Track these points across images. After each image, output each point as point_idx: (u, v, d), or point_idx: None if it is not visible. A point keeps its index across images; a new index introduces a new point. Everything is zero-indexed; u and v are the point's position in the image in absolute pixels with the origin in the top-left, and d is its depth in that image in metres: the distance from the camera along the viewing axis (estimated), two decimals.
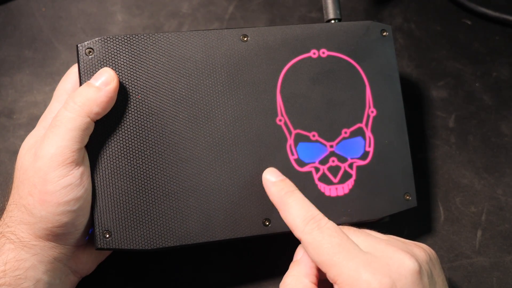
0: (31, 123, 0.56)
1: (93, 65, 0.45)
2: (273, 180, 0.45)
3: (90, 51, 0.45)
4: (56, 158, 0.41)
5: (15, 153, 0.53)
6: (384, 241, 0.41)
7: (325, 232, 0.40)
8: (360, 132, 0.49)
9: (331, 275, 0.38)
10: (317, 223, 0.41)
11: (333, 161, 0.48)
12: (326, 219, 0.41)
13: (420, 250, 0.41)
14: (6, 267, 0.40)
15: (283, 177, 0.45)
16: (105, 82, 0.43)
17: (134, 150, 0.45)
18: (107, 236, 0.43)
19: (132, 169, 0.44)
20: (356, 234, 0.42)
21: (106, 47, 0.45)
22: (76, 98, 0.42)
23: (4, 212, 0.43)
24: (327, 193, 0.48)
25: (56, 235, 0.42)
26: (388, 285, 0.36)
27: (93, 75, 0.44)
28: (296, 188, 0.44)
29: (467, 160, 0.58)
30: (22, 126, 0.56)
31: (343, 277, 0.37)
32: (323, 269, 0.39)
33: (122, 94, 0.45)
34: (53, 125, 0.42)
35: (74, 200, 0.41)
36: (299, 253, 0.43)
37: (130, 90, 0.45)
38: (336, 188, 0.48)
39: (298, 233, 0.41)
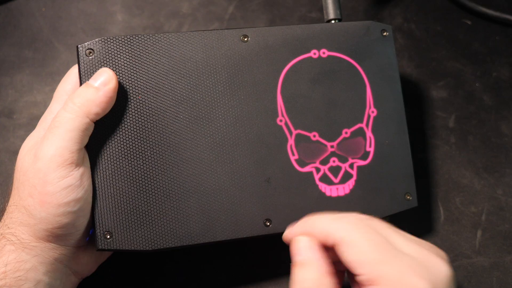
0: (31, 123, 0.56)
1: (94, 66, 0.45)
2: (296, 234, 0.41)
3: (90, 52, 0.45)
4: (56, 159, 0.41)
5: (15, 153, 0.53)
6: (417, 242, 0.39)
7: (366, 230, 0.37)
8: (360, 132, 0.49)
9: (370, 275, 0.36)
10: (354, 221, 0.38)
11: (333, 161, 0.48)
12: (361, 215, 0.39)
13: (443, 254, 0.39)
14: (6, 269, 0.40)
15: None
16: (104, 82, 0.43)
17: (135, 151, 0.45)
18: (108, 237, 0.43)
19: (133, 169, 0.44)
20: (391, 231, 0.39)
21: (106, 47, 0.45)
22: (75, 99, 0.42)
23: (5, 214, 0.43)
24: (328, 193, 0.48)
25: (56, 236, 0.42)
26: None
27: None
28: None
29: (467, 160, 0.58)
30: (22, 126, 0.56)
31: (387, 278, 0.35)
32: (358, 269, 0.36)
33: (123, 95, 0.45)
34: (53, 126, 0.42)
35: (74, 201, 0.41)
36: (302, 253, 0.39)
37: (131, 91, 0.45)
38: (337, 188, 0.48)
39: (330, 239, 0.38)
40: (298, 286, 0.37)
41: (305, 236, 0.40)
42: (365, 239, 0.37)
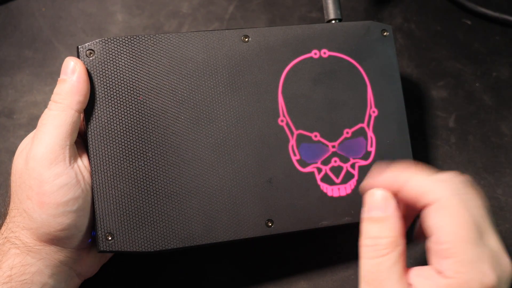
0: (31, 123, 0.56)
1: (94, 67, 0.45)
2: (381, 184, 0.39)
3: (90, 53, 0.45)
4: (48, 156, 0.41)
5: (15, 153, 0.53)
6: (495, 233, 0.37)
7: (468, 203, 0.36)
8: (362, 132, 0.49)
9: (452, 250, 0.34)
10: (457, 187, 0.37)
11: (335, 161, 0.48)
12: (466, 184, 0.38)
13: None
14: (12, 272, 0.40)
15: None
16: (71, 70, 0.43)
17: (136, 152, 0.44)
18: (110, 238, 0.43)
19: (134, 171, 0.44)
20: (483, 213, 0.38)
21: (107, 48, 0.45)
22: (55, 97, 0.43)
23: (7, 217, 0.43)
24: (329, 193, 0.48)
25: (59, 239, 0.42)
26: (497, 284, 0.34)
27: (94, 76, 0.44)
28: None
29: (467, 160, 0.58)
30: (22, 126, 0.56)
31: (465, 258, 0.34)
32: (443, 237, 0.35)
33: (124, 95, 0.45)
34: (40, 125, 0.42)
35: (73, 200, 0.41)
36: (380, 205, 0.37)
37: (131, 92, 0.45)
38: (339, 189, 0.48)
39: (430, 197, 0.36)
40: (371, 242, 0.36)
41: (386, 191, 0.38)
42: (463, 212, 0.35)
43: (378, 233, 0.36)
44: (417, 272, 0.36)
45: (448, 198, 0.36)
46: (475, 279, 0.34)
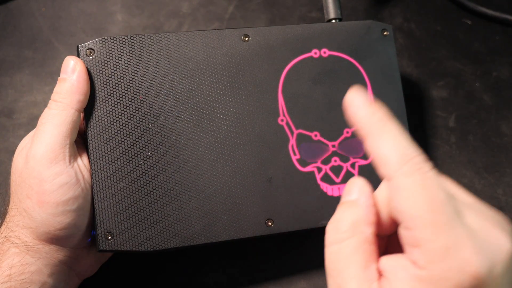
0: (31, 123, 0.56)
1: (94, 66, 0.45)
2: (362, 102, 0.34)
3: (90, 52, 0.45)
4: (48, 155, 0.41)
5: (14, 153, 0.53)
6: (482, 209, 0.32)
7: (429, 182, 0.30)
8: None
9: (417, 235, 0.29)
10: (419, 166, 0.30)
11: (335, 160, 0.48)
12: (429, 164, 0.31)
13: (509, 226, 0.32)
14: (11, 271, 0.40)
15: (372, 100, 0.34)
16: (71, 69, 0.43)
17: (136, 151, 0.44)
18: (109, 238, 0.43)
19: (134, 170, 0.44)
20: (459, 191, 0.33)
21: (107, 47, 0.45)
22: (55, 96, 0.43)
23: (7, 216, 0.43)
24: (329, 192, 0.47)
25: (59, 238, 0.42)
26: (487, 270, 0.29)
27: (94, 76, 0.44)
28: (392, 115, 0.33)
29: (467, 160, 0.58)
30: (22, 126, 0.56)
31: (435, 245, 0.29)
32: (406, 224, 0.30)
33: (124, 94, 0.45)
34: (40, 124, 0.42)
35: (73, 199, 0.41)
36: (353, 191, 0.34)
37: (131, 91, 0.45)
38: (339, 188, 0.48)
39: (391, 170, 0.31)
40: (332, 226, 0.32)
41: (363, 180, 0.34)
42: (428, 193, 0.30)
43: (340, 217, 0.32)
44: (390, 261, 0.31)
45: (396, 181, 0.31)
46: (453, 268, 0.28)
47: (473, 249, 0.28)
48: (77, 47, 0.45)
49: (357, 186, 0.33)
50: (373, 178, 0.49)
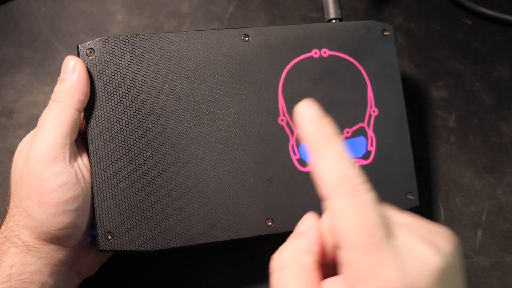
0: (31, 123, 0.56)
1: (94, 66, 0.45)
2: (311, 115, 0.34)
3: (91, 52, 0.45)
4: (48, 154, 0.41)
5: (14, 152, 0.53)
6: (412, 227, 0.33)
7: (363, 205, 0.31)
8: (362, 132, 0.49)
9: (347, 255, 0.31)
10: (355, 188, 0.32)
11: None
12: (366, 186, 0.32)
13: (444, 241, 0.33)
14: (11, 271, 0.40)
15: (323, 113, 0.34)
16: (72, 69, 0.43)
17: (136, 151, 0.44)
18: (110, 237, 0.43)
19: (134, 170, 0.44)
20: (394, 213, 0.34)
21: (107, 47, 0.45)
22: (55, 96, 0.43)
23: (7, 216, 0.43)
24: None
25: (59, 238, 0.42)
26: (408, 286, 0.30)
27: (94, 76, 0.44)
28: (339, 133, 0.34)
29: (467, 160, 0.58)
30: (22, 126, 0.56)
31: (362, 265, 0.30)
32: (339, 244, 0.31)
33: (124, 94, 0.45)
34: (40, 124, 0.42)
35: (73, 198, 0.41)
36: (304, 225, 0.35)
37: (132, 91, 0.45)
38: None
39: (327, 191, 0.32)
40: (276, 253, 0.34)
41: (314, 216, 0.36)
42: (359, 216, 0.31)
43: (285, 246, 0.34)
44: (328, 282, 0.33)
45: (331, 202, 0.32)
46: (376, 287, 0.30)
47: (396, 268, 0.30)
48: (77, 47, 0.45)
49: (308, 221, 0.35)
50: (373, 178, 0.49)
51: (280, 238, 0.48)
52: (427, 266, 0.31)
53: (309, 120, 0.34)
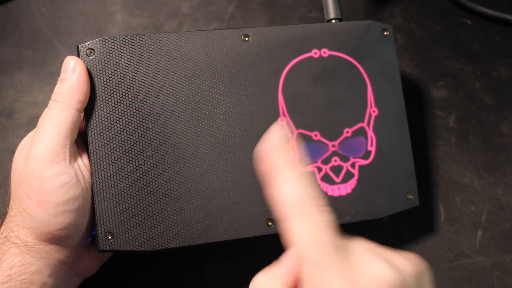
0: (31, 123, 0.56)
1: (94, 66, 0.45)
2: (276, 141, 0.35)
3: (91, 52, 0.45)
4: (48, 155, 0.41)
5: (14, 153, 0.53)
6: (365, 249, 0.34)
7: (318, 225, 0.33)
8: (362, 132, 0.49)
9: (305, 273, 0.33)
10: (313, 210, 0.33)
11: (335, 160, 0.48)
12: (324, 209, 0.34)
13: (404, 261, 0.34)
14: (11, 272, 0.40)
15: (287, 140, 0.36)
16: (72, 69, 0.43)
17: (136, 151, 0.44)
18: (110, 237, 0.43)
19: (134, 170, 0.44)
20: (356, 241, 0.35)
21: (107, 47, 0.45)
22: (55, 96, 0.43)
23: (7, 216, 0.43)
24: (329, 193, 0.48)
25: (59, 238, 0.42)
26: None
27: (94, 76, 0.44)
28: (296, 160, 0.35)
29: (467, 160, 0.58)
30: (22, 126, 0.56)
31: (316, 280, 0.32)
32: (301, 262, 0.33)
33: (124, 94, 0.45)
34: (40, 124, 0.42)
35: (73, 199, 0.41)
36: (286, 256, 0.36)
37: (132, 91, 0.45)
38: (339, 188, 0.48)
39: (286, 212, 0.34)
40: (255, 277, 0.36)
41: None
42: (311, 236, 0.33)
43: (263, 270, 0.36)
44: None
45: (286, 223, 0.34)
46: None
47: (348, 281, 0.31)
48: (77, 47, 0.45)
49: (292, 255, 0.35)
50: (373, 178, 0.49)
51: (280, 238, 0.48)
52: (381, 280, 0.31)
53: (274, 146, 0.35)
